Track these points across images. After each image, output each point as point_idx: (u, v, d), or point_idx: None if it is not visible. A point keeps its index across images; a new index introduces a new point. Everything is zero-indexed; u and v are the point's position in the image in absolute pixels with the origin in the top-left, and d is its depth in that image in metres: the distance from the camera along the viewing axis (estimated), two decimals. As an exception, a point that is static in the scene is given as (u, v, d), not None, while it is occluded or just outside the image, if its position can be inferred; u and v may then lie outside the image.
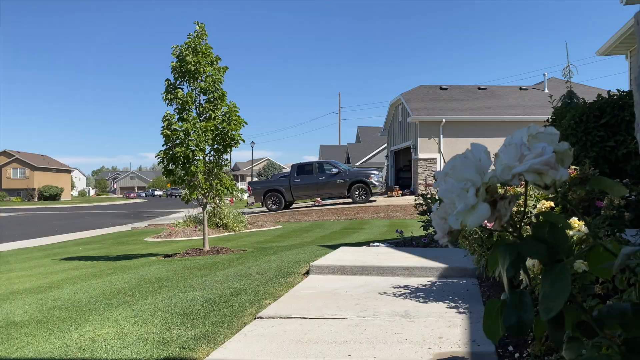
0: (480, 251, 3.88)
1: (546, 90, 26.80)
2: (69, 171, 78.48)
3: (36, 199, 65.94)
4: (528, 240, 0.85)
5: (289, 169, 31.39)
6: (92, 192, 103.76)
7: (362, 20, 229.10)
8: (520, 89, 28.56)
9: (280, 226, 15.71)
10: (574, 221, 2.38)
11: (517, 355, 2.62)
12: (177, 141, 8.76)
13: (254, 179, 52.28)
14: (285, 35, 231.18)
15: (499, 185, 0.87)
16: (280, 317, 3.69)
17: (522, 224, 0.88)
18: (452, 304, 3.82)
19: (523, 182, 0.87)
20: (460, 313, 3.57)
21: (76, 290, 5.53)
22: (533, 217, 0.90)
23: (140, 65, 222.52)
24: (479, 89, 28.56)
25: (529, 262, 2.09)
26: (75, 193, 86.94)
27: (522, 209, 0.93)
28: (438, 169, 23.48)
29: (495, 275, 3.44)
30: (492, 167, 0.87)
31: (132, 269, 7.17)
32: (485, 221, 0.88)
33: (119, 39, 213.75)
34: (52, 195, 66.36)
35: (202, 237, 9.39)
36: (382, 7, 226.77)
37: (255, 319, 3.72)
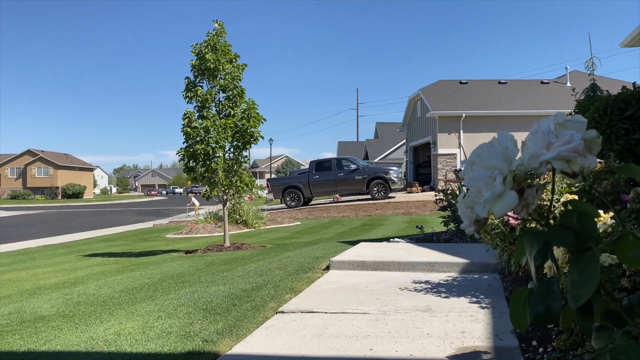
0: (502, 246, 3.85)
1: (568, 84, 26.35)
2: (91, 169, 79.80)
3: (60, 197, 67.21)
4: (556, 228, 0.85)
5: (307, 166, 31.42)
6: (114, 190, 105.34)
7: (381, 16, 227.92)
8: (542, 82, 28.11)
9: (299, 223, 15.76)
10: (599, 213, 2.34)
11: (541, 349, 2.59)
12: (198, 138, 8.84)
13: (273, 176, 52.48)
14: (302, 32, 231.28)
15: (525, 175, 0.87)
16: (302, 312, 3.71)
17: (549, 213, 0.88)
18: (474, 299, 3.79)
19: (550, 171, 0.86)
20: (482, 308, 3.55)
21: (100, 286, 5.64)
22: (561, 206, 0.90)
23: (160, 64, 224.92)
24: (500, 83, 28.20)
25: (555, 253, 2.07)
26: (97, 191, 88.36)
27: (549, 198, 0.92)
28: (458, 164, 23.28)
29: (522, 263, 3.40)
30: (519, 155, 0.87)
31: (155, 264, 7.27)
32: (511, 212, 0.88)
33: (139, 39, 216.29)
34: (75, 194, 67.57)
35: (223, 233, 9.47)
36: (401, 3, 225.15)
37: (276, 313, 3.75)
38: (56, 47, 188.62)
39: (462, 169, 0.87)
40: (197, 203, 22.78)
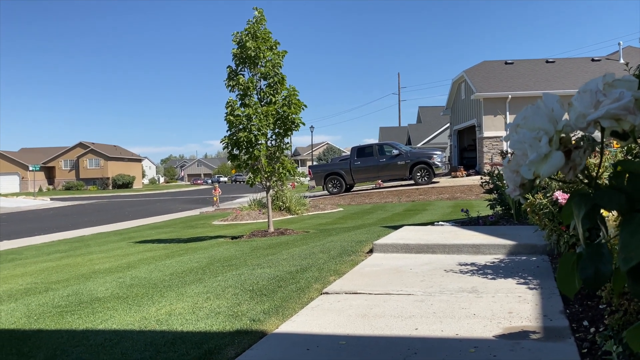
0: (551, 226, 3.75)
1: (621, 61, 25.12)
2: (139, 160, 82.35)
3: (110, 187, 69.78)
4: (605, 190, 0.83)
5: (348, 153, 31.33)
6: (162, 179, 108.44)
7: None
8: (593, 60, 26.93)
9: (341, 209, 15.79)
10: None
11: (592, 329, 2.53)
12: (240, 126, 8.96)
13: (314, 163, 52.66)
14: (342, 16, 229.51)
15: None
16: (346, 293, 3.74)
17: (598, 174, 0.85)
18: (522, 280, 3.72)
19: (598, 132, 0.84)
20: (530, 289, 3.48)
21: (151, 270, 5.85)
22: (610, 168, 0.87)
23: (202, 56, 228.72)
24: (547, 62, 27.19)
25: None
26: (145, 181, 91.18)
27: (598, 159, 0.90)
28: (504, 147, 22.68)
29: (570, 229, 3.30)
30: (566, 116, 0.85)
31: (202, 249, 7.48)
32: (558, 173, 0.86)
33: (179, 35, 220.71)
34: (124, 184, 69.98)
35: (267, 219, 9.61)
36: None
37: (321, 294, 3.79)
38: (103, 46, 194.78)
39: (508, 131, 0.85)
40: (217, 193, 22.39)
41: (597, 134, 0.85)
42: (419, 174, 20.75)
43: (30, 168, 54.24)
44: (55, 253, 9.21)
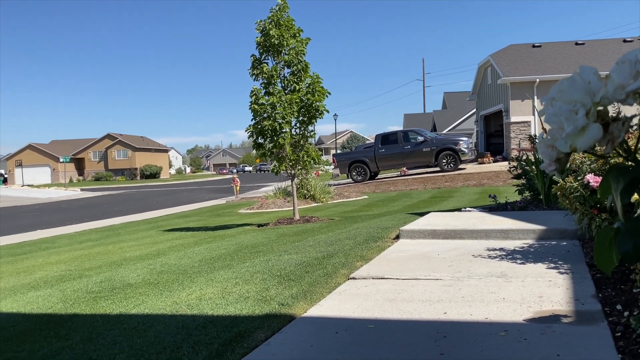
0: (582, 210, 3.68)
1: (655, 40, 24.29)
2: (166, 151, 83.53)
3: (138, 177, 71.02)
4: (645, 163, 0.81)
5: (372, 141, 31.16)
6: (188, 169, 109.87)
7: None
8: (624, 41, 26.08)
9: (366, 196, 15.76)
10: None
11: (626, 313, 2.48)
12: (265, 115, 8.99)
13: (338, 151, 52.57)
14: (365, 3, 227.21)
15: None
16: (373, 278, 3.75)
17: (637, 147, 0.83)
18: (552, 265, 3.67)
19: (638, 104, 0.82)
20: (561, 273, 3.43)
21: (181, 257, 5.95)
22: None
23: (225, 47, 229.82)
24: (576, 44, 26.46)
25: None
26: (172, 171, 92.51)
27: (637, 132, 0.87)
28: (532, 132, 22.24)
29: (607, 204, 3.24)
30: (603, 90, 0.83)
31: (229, 237, 7.57)
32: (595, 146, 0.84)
33: (204, 27, 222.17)
34: (152, 174, 71.12)
35: (292, 207, 9.66)
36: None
37: (348, 279, 3.81)
38: (130, 39, 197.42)
39: (543, 105, 0.84)
40: (237, 184, 21.89)
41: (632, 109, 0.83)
42: (444, 161, 20.54)
43: (61, 160, 55.55)
44: (87, 242, 9.45)
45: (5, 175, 68.22)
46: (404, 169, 22.76)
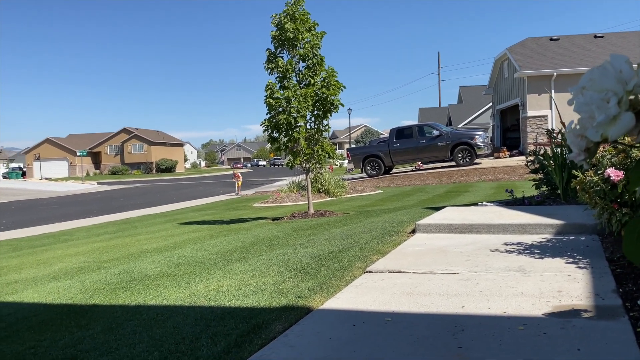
0: (602, 204, 3.63)
1: (677, 33, 23.78)
2: (181, 145, 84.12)
3: (154, 171, 71.66)
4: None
5: (386, 135, 31.02)
6: (203, 164, 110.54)
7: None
8: (645, 33, 25.60)
9: (380, 191, 15.73)
10: None
11: (648, 308, 2.45)
12: (280, 109, 9.00)
13: (352, 145, 52.46)
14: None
15: None
16: (389, 272, 3.74)
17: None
18: (571, 259, 3.63)
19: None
20: (580, 268, 3.39)
21: (197, 249, 6.01)
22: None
23: (240, 42, 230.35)
24: (595, 37, 26.04)
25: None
26: (187, 165, 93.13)
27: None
28: (550, 126, 21.96)
29: (636, 195, 3.18)
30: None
31: (245, 230, 7.62)
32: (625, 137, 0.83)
33: (218, 24, 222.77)
34: (167, 168, 71.71)
35: (306, 201, 9.68)
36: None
37: (364, 272, 3.81)
38: (145, 35, 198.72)
39: (572, 94, 0.83)
40: (238, 179, 20.85)
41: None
42: (460, 155, 20.39)
43: (78, 153, 56.24)
44: (104, 234, 9.58)
45: (24, 169, 69.31)
46: (419, 163, 22.65)
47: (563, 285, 3.04)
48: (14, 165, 77.45)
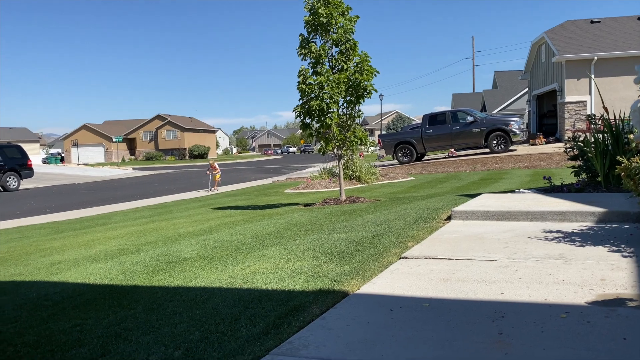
0: (648, 191, 3.51)
1: None
2: (213, 131, 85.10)
3: (187, 157, 72.80)
4: None
5: (418, 121, 30.65)
6: (234, 150, 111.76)
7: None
8: (693, 14, 24.43)
9: (412, 178, 15.60)
10: None
11: (698, 299, 2.37)
12: (312, 95, 8.97)
13: (383, 132, 52.06)
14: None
15: None
16: (425, 258, 3.72)
17: None
18: (614, 248, 3.53)
19: None
20: (624, 257, 3.30)
21: (232, 233, 6.09)
22: None
23: (271, 30, 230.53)
24: (639, 19, 24.99)
25: None
26: (219, 151, 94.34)
27: None
28: (589, 112, 21.31)
29: None
30: None
31: (278, 215, 7.68)
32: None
33: (251, 12, 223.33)
34: (200, 154, 72.73)
35: (338, 188, 9.68)
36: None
37: (400, 258, 3.80)
38: (180, 24, 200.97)
39: (638, 73, 0.79)
40: (214, 172, 17.31)
41: None
42: (495, 142, 20.01)
43: (114, 139, 57.54)
44: (140, 218, 9.81)
45: (63, 155, 71.41)
46: (452, 150, 22.33)
47: (606, 274, 2.96)
48: (53, 151, 79.97)
